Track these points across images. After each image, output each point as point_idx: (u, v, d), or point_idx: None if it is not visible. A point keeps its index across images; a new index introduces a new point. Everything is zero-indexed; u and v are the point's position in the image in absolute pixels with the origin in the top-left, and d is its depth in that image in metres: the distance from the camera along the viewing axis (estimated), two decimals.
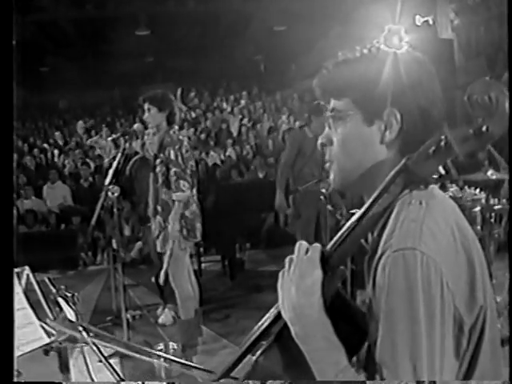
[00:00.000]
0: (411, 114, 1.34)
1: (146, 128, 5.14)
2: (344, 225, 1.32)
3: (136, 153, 5.74)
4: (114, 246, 5.50)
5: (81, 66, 19.22)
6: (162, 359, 4.25)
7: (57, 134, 15.59)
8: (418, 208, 1.27)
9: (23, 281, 2.81)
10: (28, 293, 2.87)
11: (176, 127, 4.87)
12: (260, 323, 1.42)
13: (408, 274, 1.16)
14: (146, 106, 4.87)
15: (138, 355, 2.33)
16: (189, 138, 5.57)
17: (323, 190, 5.00)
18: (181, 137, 4.80)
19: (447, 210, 1.34)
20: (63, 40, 18.17)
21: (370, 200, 1.28)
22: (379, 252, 1.25)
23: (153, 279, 5.63)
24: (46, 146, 14.54)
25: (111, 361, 2.61)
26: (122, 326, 4.82)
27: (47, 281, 2.77)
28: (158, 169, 4.78)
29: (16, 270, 2.80)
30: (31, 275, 2.85)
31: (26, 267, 2.84)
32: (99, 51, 18.15)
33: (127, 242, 8.25)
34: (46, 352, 2.75)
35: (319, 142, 1.47)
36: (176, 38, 17.86)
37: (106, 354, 2.28)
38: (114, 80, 18.70)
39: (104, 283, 7.18)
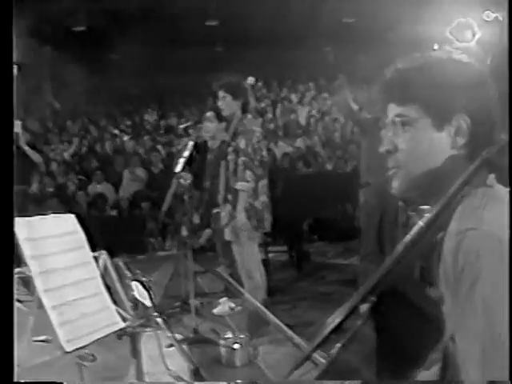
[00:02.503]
0: (478, 118, 1.35)
1: (217, 116, 5.16)
2: (415, 221, 1.31)
3: (205, 141, 5.76)
4: (184, 233, 5.54)
5: (149, 53, 19.41)
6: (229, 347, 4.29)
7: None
8: (480, 197, 1.29)
9: (101, 265, 2.83)
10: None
11: (249, 116, 4.86)
12: (330, 319, 1.41)
13: (471, 253, 1.17)
14: (222, 93, 4.87)
15: None
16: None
17: None
18: (254, 127, 4.78)
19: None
20: (133, 28, 18.41)
21: (450, 193, 1.28)
22: (444, 243, 1.25)
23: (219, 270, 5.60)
24: (116, 131, 14.76)
25: None
26: (191, 312, 4.86)
27: (122, 265, 2.79)
28: (229, 157, 4.78)
29: (94, 254, 2.83)
30: (108, 260, 2.87)
31: (104, 251, 2.87)
32: (168, 40, 18.30)
33: (196, 229, 8.28)
34: (119, 336, 2.78)
35: (383, 149, 1.46)
36: (245, 28, 17.88)
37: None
38: (183, 69, 18.84)
39: (173, 269, 7.23)
